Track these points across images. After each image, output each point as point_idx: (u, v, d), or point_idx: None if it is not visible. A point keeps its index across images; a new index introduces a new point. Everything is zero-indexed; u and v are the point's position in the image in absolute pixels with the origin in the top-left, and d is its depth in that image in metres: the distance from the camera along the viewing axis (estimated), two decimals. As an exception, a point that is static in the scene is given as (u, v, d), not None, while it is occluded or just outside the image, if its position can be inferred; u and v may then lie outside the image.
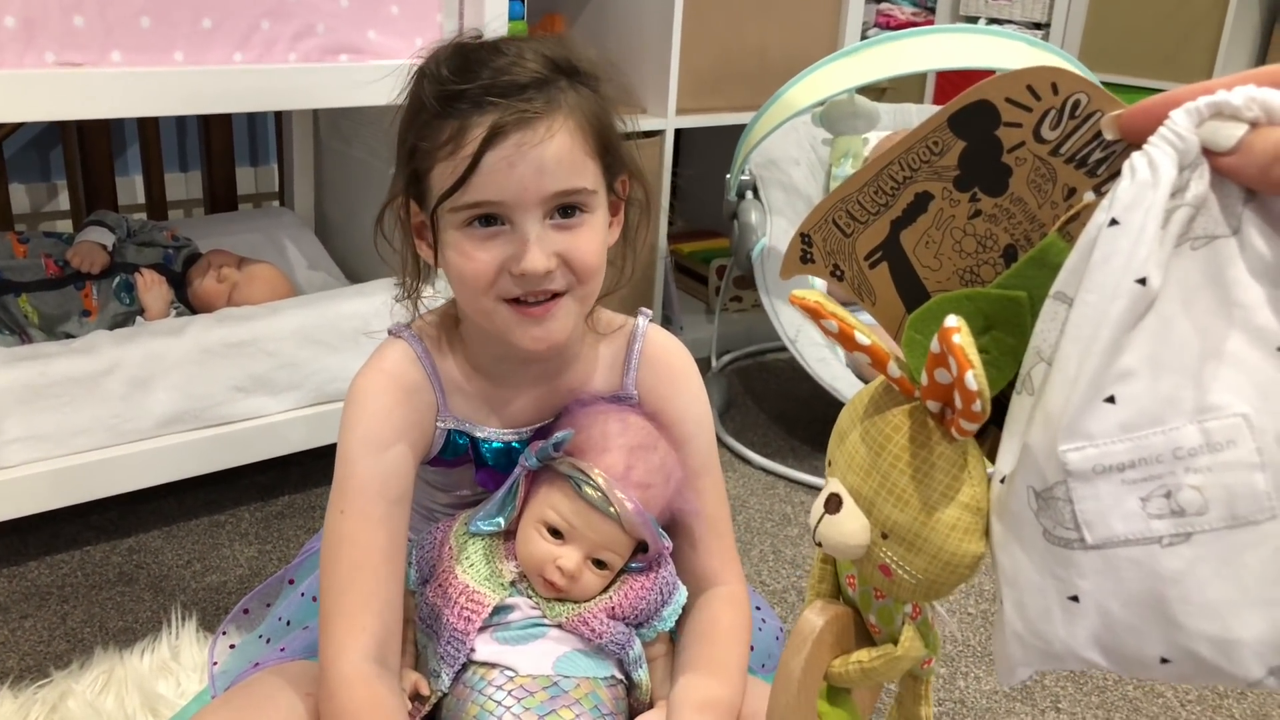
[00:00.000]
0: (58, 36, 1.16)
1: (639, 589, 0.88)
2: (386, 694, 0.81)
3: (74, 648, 1.20)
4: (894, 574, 0.49)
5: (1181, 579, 0.39)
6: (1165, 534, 0.39)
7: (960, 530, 0.47)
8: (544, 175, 0.78)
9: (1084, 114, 0.44)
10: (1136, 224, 0.39)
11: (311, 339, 1.43)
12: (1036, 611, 0.43)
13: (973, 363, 0.43)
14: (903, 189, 0.51)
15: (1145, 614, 0.40)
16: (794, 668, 0.54)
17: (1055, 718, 1.18)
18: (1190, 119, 0.39)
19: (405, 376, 0.87)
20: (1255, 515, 0.38)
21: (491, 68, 0.79)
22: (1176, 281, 0.39)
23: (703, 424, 0.95)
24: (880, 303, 0.53)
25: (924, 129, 0.48)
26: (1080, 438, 0.40)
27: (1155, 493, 0.39)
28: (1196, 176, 0.39)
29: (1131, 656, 0.41)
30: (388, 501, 0.84)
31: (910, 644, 0.54)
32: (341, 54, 1.37)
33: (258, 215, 2.03)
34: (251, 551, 1.41)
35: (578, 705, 0.82)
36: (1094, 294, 0.40)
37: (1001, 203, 0.48)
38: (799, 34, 2.12)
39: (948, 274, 0.51)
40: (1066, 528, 0.41)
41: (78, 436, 1.28)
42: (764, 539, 1.52)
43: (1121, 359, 0.39)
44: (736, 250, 1.87)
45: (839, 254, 0.54)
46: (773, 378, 2.13)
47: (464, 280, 0.82)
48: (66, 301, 1.51)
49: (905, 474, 0.48)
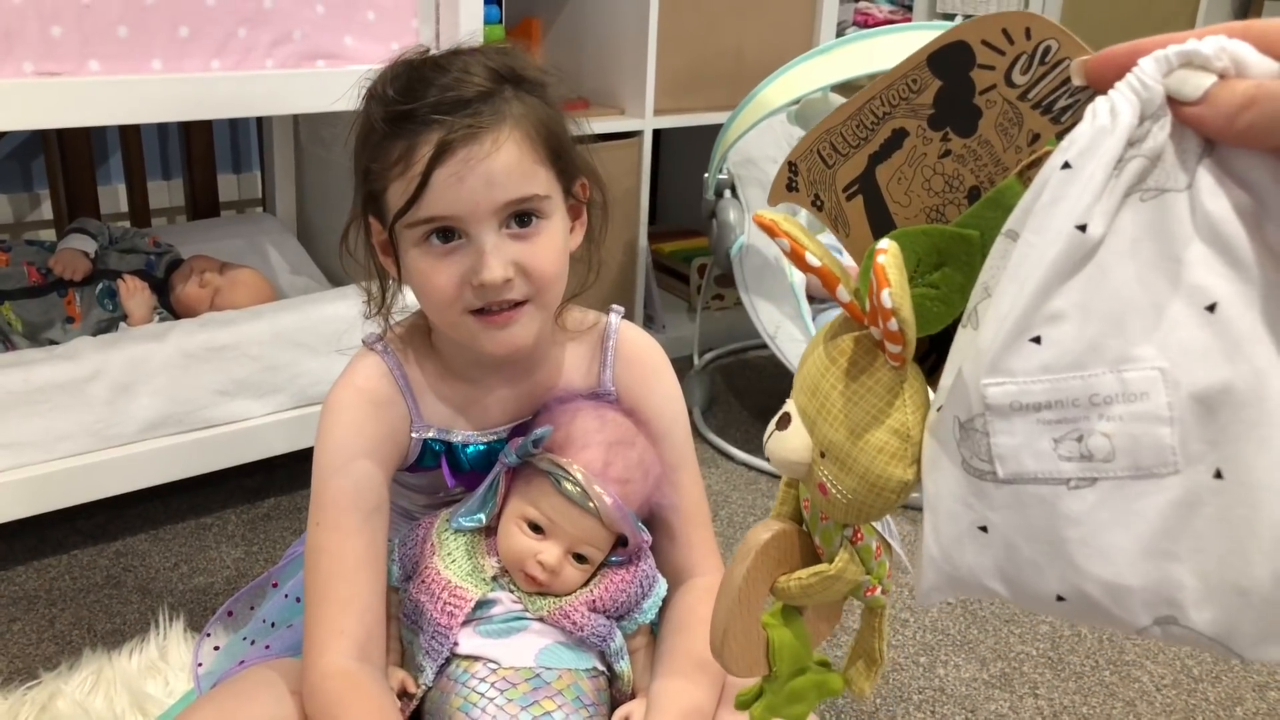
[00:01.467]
0: (35, 46, 1.17)
1: (619, 582, 0.89)
2: (369, 681, 0.83)
3: (62, 650, 1.21)
4: (829, 493, 0.50)
5: (1082, 521, 0.40)
6: (1072, 476, 0.40)
7: (886, 454, 0.48)
8: (494, 187, 0.79)
9: (1054, 60, 0.45)
10: (1088, 170, 0.39)
11: (294, 342, 1.44)
12: (949, 538, 0.44)
13: (890, 281, 0.44)
14: (882, 124, 0.51)
15: (1046, 551, 0.41)
16: (736, 574, 0.55)
17: (1034, 703, 1.20)
18: (1158, 67, 0.38)
19: (377, 391, 0.89)
20: (1158, 468, 0.38)
21: (437, 85, 0.80)
22: (1119, 231, 0.39)
23: (678, 419, 0.97)
24: (853, 235, 0.54)
25: (905, 66, 0.49)
26: (1002, 373, 0.41)
27: (1068, 435, 0.40)
28: (1157, 128, 0.38)
29: (1030, 591, 0.42)
30: (362, 513, 0.86)
31: (845, 565, 0.55)
32: (319, 60, 1.38)
33: (240, 221, 2.04)
34: (238, 553, 1.42)
35: (560, 696, 0.84)
36: (1036, 235, 0.40)
37: (970, 144, 0.49)
38: (775, 33, 2.14)
39: (916, 211, 0.52)
40: (982, 459, 0.42)
41: (62, 442, 1.29)
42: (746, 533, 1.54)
43: (1052, 302, 0.40)
44: (716, 248, 1.88)
45: (820, 184, 0.55)
46: (754, 374, 2.15)
47: (428, 296, 0.84)
48: (49, 309, 1.52)
49: (844, 395, 0.49)
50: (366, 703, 0.81)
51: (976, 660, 1.27)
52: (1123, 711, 1.19)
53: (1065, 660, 1.28)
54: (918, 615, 1.36)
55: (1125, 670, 1.27)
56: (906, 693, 1.21)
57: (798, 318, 1.78)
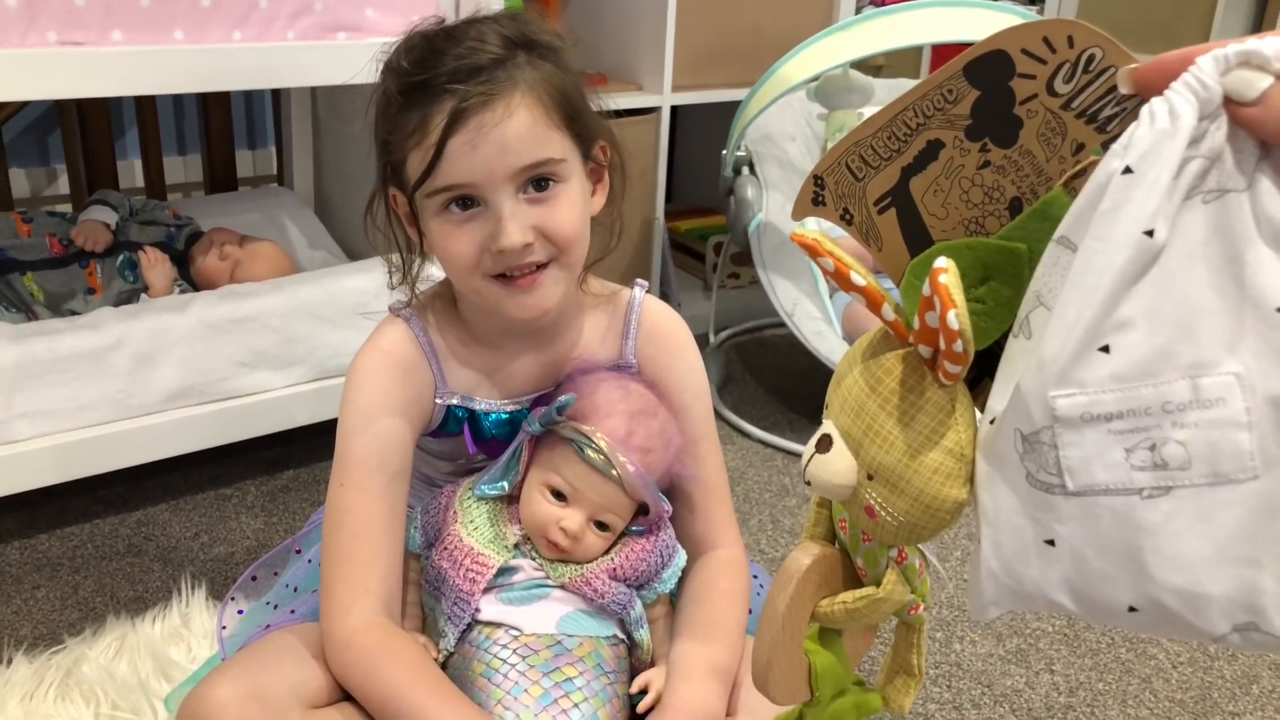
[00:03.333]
0: (59, 16, 1.17)
1: (640, 551, 0.90)
2: (397, 632, 0.84)
3: (86, 616, 1.22)
4: (878, 515, 0.49)
5: (1158, 531, 0.39)
6: (1146, 486, 0.39)
7: (942, 475, 0.47)
8: (508, 153, 0.80)
9: (1098, 69, 0.44)
10: (1151, 174, 0.38)
11: (314, 315, 1.44)
12: (1013, 552, 0.43)
13: (956, 302, 0.43)
14: (915, 135, 0.50)
15: (1118, 562, 0.40)
16: (779, 603, 0.55)
17: (1049, 679, 1.20)
18: (1216, 66, 0.38)
19: (403, 355, 0.90)
20: (1237, 474, 0.38)
21: (450, 54, 0.81)
22: (1183, 234, 0.38)
23: (700, 392, 0.97)
24: (886, 249, 0.53)
25: (940, 75, 0.48)
26: (1072, 385, 0.40)
27: (1140, 445, 0.39)
28: (1215, 128, 0.38)
29: (1100, 603, 0.42)
30: (386, 475, 0.87)
31: (893, 587, 0.54)
32: (340, 32, 1.38)
33: (258, 195, 2.04)
34: (258, 524, 1.43)
35: (581, 663, 0.85)
36: (1101, 242, 0.39)
37: (1011, 154, 0.48)
38: (793, 10, 2.12)
39: (954, 224, 0.51)
40: (1049, 472, 0.41)
41: (85, 411, 1.30)
42: (762, 509, 1.54)
43: (1120, 309, 0.39)
44: (733, 226, 1.88)
45: (850, 198, 0.54)
46: (770, 352, 2.15)
47: (450, 262, 0.85)
48: (71, 280, 1.53)
49: (893, 416, 0.48)
50: (407, 649, 0.82)
51: (993, 636, 1.27)
52: (1138, 688, 1.20)
53: (1081, 636, 1.28)
54: (934, 591, 1.36)
55: (1141, 647, 1.27)
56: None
57: (815, 295, 1.78)
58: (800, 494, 1.59)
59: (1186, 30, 2.77)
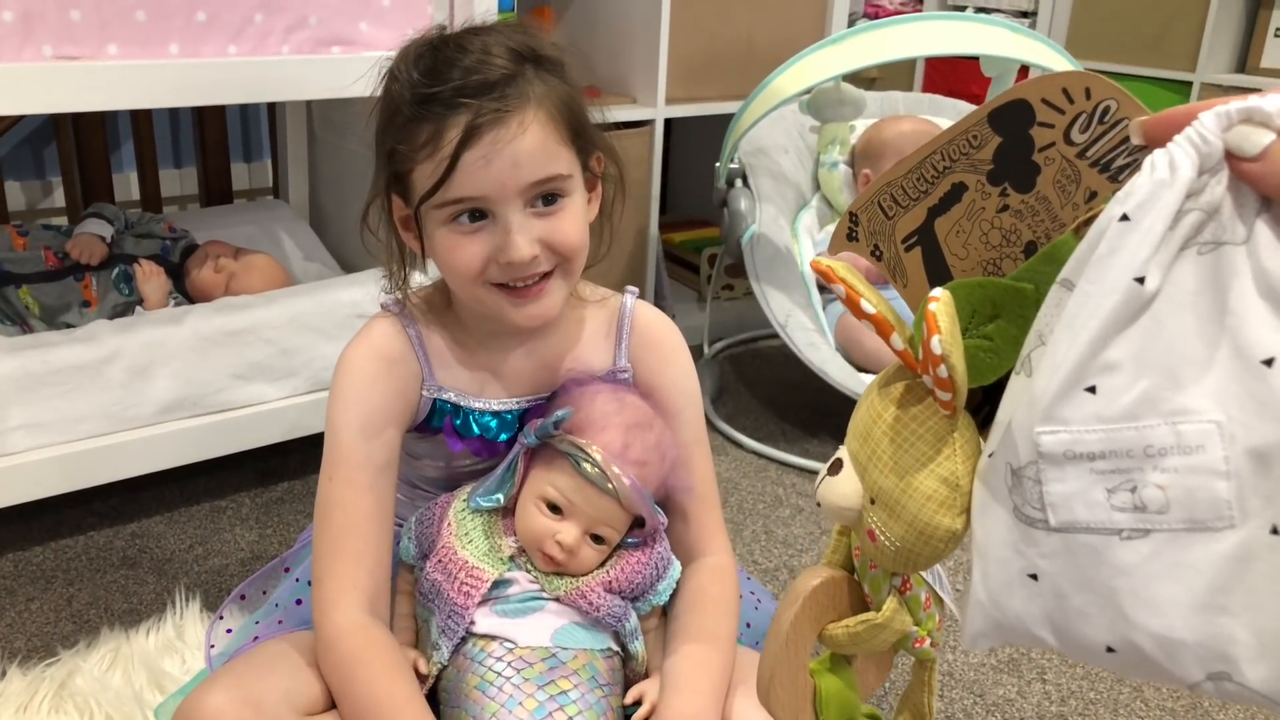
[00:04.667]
0: (55, 30, 1.18)
1: (635, 564, 0.90)
2: (382, 635, 0.85)
3: (80, 628, 1.22)
4: (878, 540, 0.51)
5: (1134, 572, 0.40)
6: (1125, 527, 0.40)
7: (935, 502, 0.48)
8: (520, 168, 0.82)
9: (1113, 120, 0.46)
10: (1146, 222, 0.39)
11: (308, 327, 1.45)
12: (999, 583, 0.44)
13: (940, 328, 0.45)
14: (942, 178, 0.53)
15: (1096, 601, 0.41)
16: (784, 620, 0.56)
17: (1041, 688, 1.21)
18: (1219, 122, 0.38)
19: (389, 347, 0.91)
20: (1214, 522, 0.38)
21: (461, 67, 0.82)
22: (1176, 283, 0.39)
23: (692, 397, 0.98)
24: (911, 285, 0.56)
25: (967, 122, 0.51)
26: (1056, 422, 0.41)
27: (1121, 486, 0.40)
28: (1215, 181, 0.38)
29: (1079, 640, 0.42)
30: (374, 468, 0.88)
31: (892, 614, 0.55)
32: (334, 46, 1.39)
33: (253, 208, 2.04)
34: (252, 536, 1.43)
35: (575, 676, 0.85)
36: (1093, 285, 0.40)
37: (1028, 199, 0.50)
38: (787, 22, 2.14)
39: (973, 264, 0.53)
40: (1034, 507, 0.42)
41: (80, 424, 1.30)
42: (756, 520, 1.55)
43: (1108, 352, 0.40)
44: (727, 238, 1.89)
45: (880, 235, 0.56)
46: (764, 363, 2.15)
47: (454, 271, 0.86)
48: (66, 292, 1.53)
49: (894, 443, 0.50)
50: (383, 658, 0.83)
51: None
52: (1129, 697, 1.20)
53: (1073, 646, 1.28)
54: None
55: (1133, 657, 1.27)
56: (916, 677, 1.22)
57: (808, 306, 1.79)
58: (793, 505, 1.60)
59: (1175, 46, 2.79)
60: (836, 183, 1.99)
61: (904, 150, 1.89)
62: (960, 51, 1.67)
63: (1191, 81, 2.76)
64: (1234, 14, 2.74)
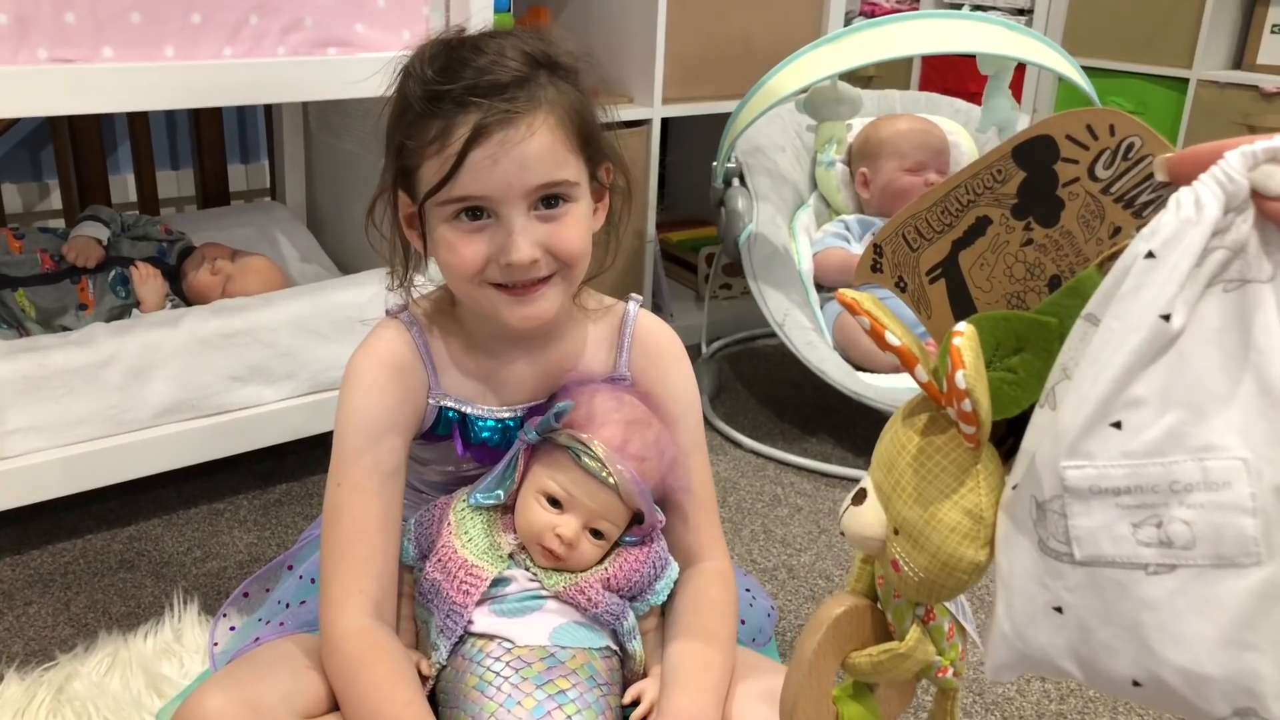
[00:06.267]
0: (50, 33, 1.18)
1: (634, 561, 0.90)
2: (387, 639, 0.85)
3: (78, 632, 1.22)
4: (902, 570, 0.51)
5: (1160, 607, 0.40)
6: (1151, 562, 0.40)
7: (959, 534, 0.48)
8: (526, 170, 0.82)
9: (1136, 156, 0.46)
10: (1171, 260, 0.39)
11: (306, 328, 1.45)
12: (1023, 616, 0.44)
13: (965, 363, 0.45)
14: (966, 211, 0.53)
15: (1122, 635, 0.41)
16: (806, 648, 0.56)
17: (1040, 686, 1.21)
18: (1244, 161, 0.39)
19: (397, 355, 0.91)
20: (1240, 558, 0.38)
21: (474, 67, 0.82)
22: (1201, 321, 0.39)
23: (692, 405, 0.98)
24: (935, 317, 0.56)
25: (992, 156, 0.51)
26: (1082, 457, 0.41)
27: (1147, 521, 0.40)
28: (1240, 220, 0.39)
29: (1105, 673, 0.42)
30: (381, 474, 0.88)
31: (914, 644, 0.55)
32: (330, 47, 1.39)
33: (250, 209, 2.04)
34: (250, 538, 1.43)
35: (574, 675, 0.85)
36: (1119, 321, 0.40)
37: (1052, 234, 0.50)
38: (783, 21, 2.14)
39: (997, 297, 0.53)
40: (1059, 541, 0.42)
41: (77, 427, 1.30)
42: (754, 519, 1.55)
43: (1133, 387, 0.40)
44: (724, 237, 1.89)
45: (904, 267, 0.57)
46: (762, 362, 2.15)
47: (453, 269, 0.86)
48: (63, 295, 1.53)
49: (918, 474, 0.50)
50: (385, 661, 0.83)
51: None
52: (1130, 694, 1.20)
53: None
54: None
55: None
56: (915, 675, 1.22)
57: (806, 306, 1.78)
58: (791, 504, 1.60)
59: (1172, 40, 2.79)
60: (834, 181, 1.99)
61: (901, 148, 1.90)
62: (957, 50, 1.67)
63: (1188, 78, 2.76)
64: (1230, 10, 2.74)
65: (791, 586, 1.38)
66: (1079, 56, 2.03)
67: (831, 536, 1.50)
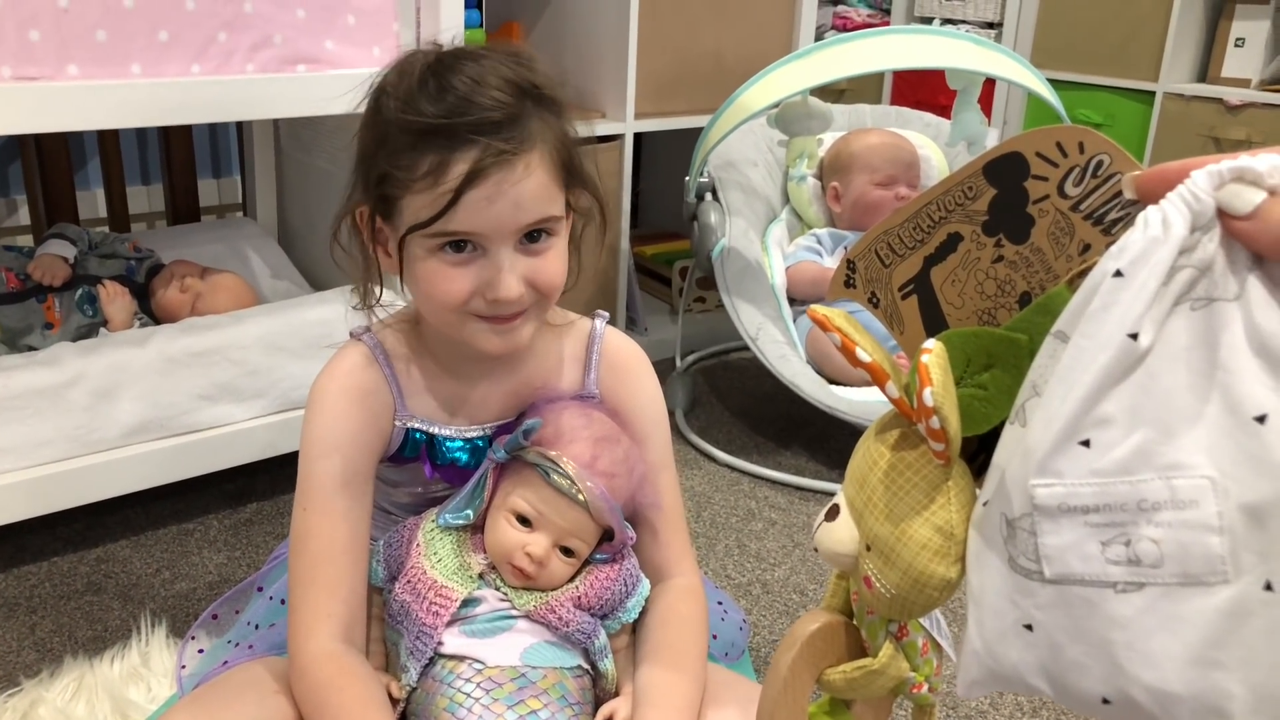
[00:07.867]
0: (14, 51, 1.17)
1: (604, 579, 0.90)
2: (357, 664, 0.85)
3: (43, 657, 1.20)
4: (874, 586, 0.51)
5: (1129, 625, 0.40)
6: (1120, 580, 0.40)
7: (930, 551, 0.49)
8: (520, 210, 0.82)
9: (1105, 174, 0.46)
10: (1139, 278, 0.39)
11: (276, 346, 1.43)
12: (994, 633, 0.44)
13: (932, 380, 0.45)
14: (938, 227, 0.53)
15: (1092, 653, 0.41)
16: (781, 665, 0.56)
17: (1013, 699, 1.21)
18: (1210, 180, 0.39)
19: (362, 378, 0.90)
20: (1207, 577, 0.39)
21: (465, 99, 0.80)
22: (1169, 339, 0.39)
23: (660, 421, 0.98)
24: (908, 333, 0.56)
25: (963, 172, 0.51)
26: (1051, 475, 0.41)
27: (1115, 539, 0.40)
28: (1207, 239, 0.39)
29: (1074, 691, 0.42)
30: (348, 498, 0.88)
31: (888, 660, 0.56)
32: (299, 64, 1.38)
33: (220, 226, 2.03)
34: (220, 559, 1.41)
35: (545, 695, 0.84)
36: (1087, 340, 0.40)
37: (1022, 251, 0.51)
38: (754, 37, 2.15)
39: (968, 313, 0.53)
40: (1029, 558, 0.42)
41: (43, 448, 1.28)
42: (728, 534, 1.55)
43: (1102, 406, 0.40)
44: (697, 251, 1.89)
45: (877, 282, 0.57)
46: (736, 376, 2.16)
47: (434, 299, 0.85)
48: (28, 314, 1.51)
49: (889, 490, 0.50)
50: (355, 686, 0.82)
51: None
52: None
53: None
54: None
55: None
56: (889, 690, 1.22)
57: (779, 319, 1.79)
58: (766, 518, 1.60)
59: (1138, 54, 2.83)
60: (805, 196, 2.00)
61: (872, 163, 1.91)
62: (926, 65, 1.68)
63: (1154, 91, 2.79)
64: (1195, 25, 2.78)
65: (766, 601, 1.38)
66: (1048, 69, 2.05)
67: (806, 551, 1.50)
